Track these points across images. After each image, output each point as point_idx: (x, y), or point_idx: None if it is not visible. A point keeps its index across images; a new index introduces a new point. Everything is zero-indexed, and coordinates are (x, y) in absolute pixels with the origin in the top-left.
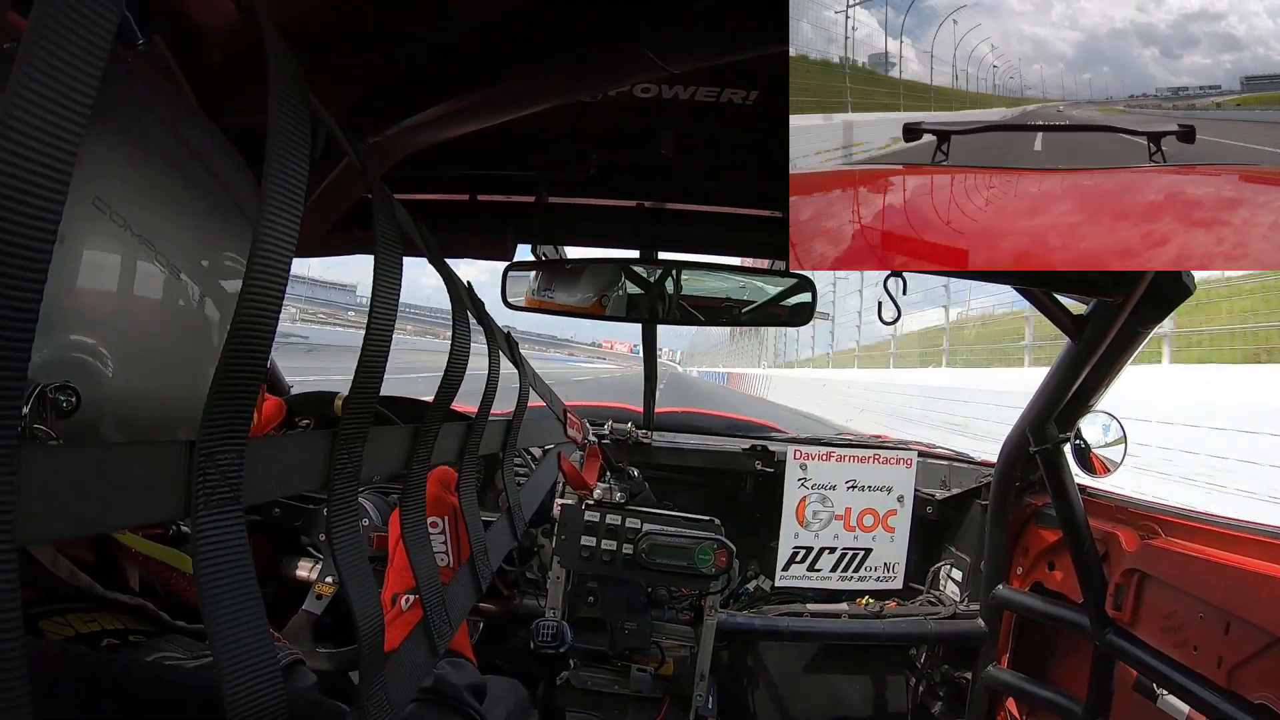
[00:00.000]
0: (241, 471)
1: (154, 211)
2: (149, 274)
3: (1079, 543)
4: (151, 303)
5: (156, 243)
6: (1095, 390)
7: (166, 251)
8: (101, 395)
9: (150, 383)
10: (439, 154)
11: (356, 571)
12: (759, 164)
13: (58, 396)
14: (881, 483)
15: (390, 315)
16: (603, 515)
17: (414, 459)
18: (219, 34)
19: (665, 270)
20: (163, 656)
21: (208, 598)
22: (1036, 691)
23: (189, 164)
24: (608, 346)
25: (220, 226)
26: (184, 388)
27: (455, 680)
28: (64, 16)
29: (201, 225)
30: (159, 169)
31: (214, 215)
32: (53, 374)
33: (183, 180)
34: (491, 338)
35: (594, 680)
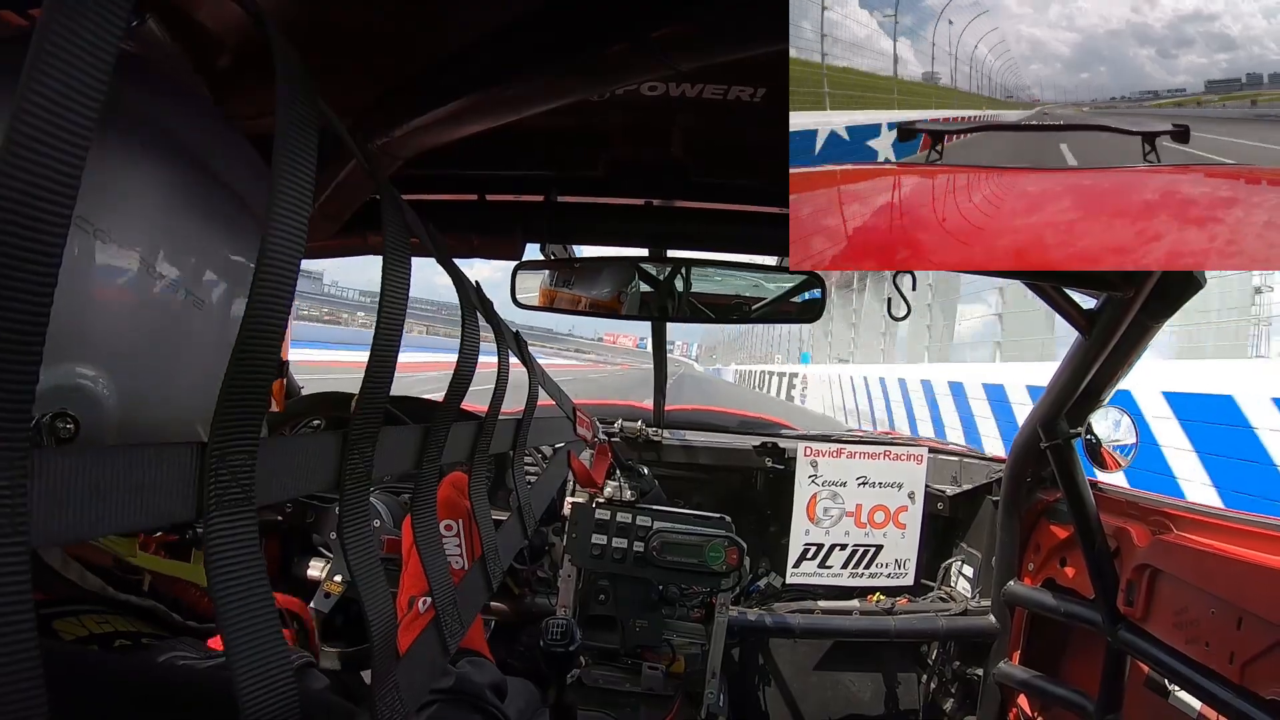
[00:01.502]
0: (253, 473)
1: (152, 221)
2: (145, 288)
3: (1090, 538)
4: (148, 315)
5: (154, 254)
6: (1106, 385)
7: (164, 262)
8: (103, 417)
9: (153, 393)
10: (447, 154)
11: (368, 571)
12: (767, 161)
13: (55, 424)
14: (892, 479)
15: (399, 316)
16: (613, 513)
17: (424, 458)
18: (228, 37)
19: (675, 268)
20: (175, 656)
21: (221, 599)
22: (1048, 688)
23: (187, 164)
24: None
25: (225, 227)
26: (189, 393)
27: (478, 679)
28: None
29: (202, 228)
30: (154, 173)
31: (216, 217)
32: (49, 403)
33: (181, 182)
34: (501, 337)
35: (605, 678)
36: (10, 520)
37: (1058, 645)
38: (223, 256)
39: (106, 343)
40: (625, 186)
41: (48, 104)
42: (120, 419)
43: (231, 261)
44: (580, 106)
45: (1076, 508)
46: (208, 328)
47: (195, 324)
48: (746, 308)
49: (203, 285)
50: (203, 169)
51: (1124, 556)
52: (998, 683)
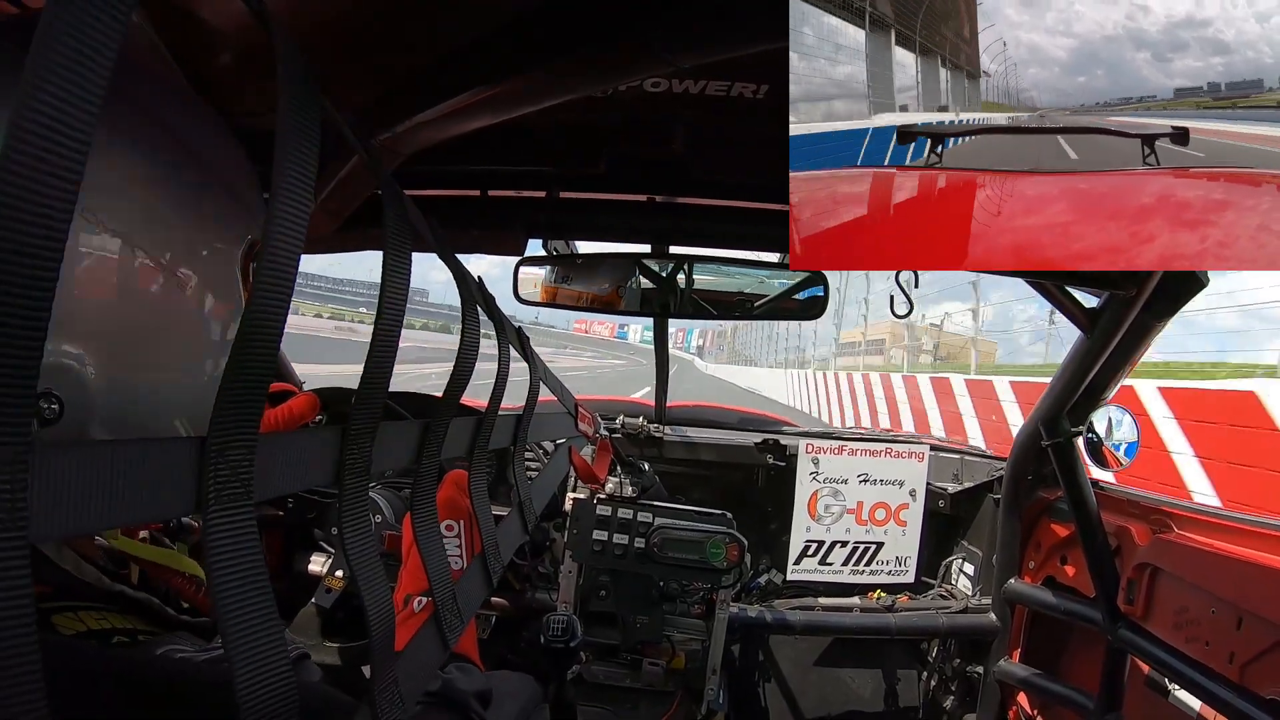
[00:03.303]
0: (253, 468)
1: (135, 204)
2: (129, 271)
3: (1091, 537)
4: (129, 300)
5: (138, 237)
6: (1108, 384)
7: (150, 246)
8: (87, 398)
9: (136, 379)
10: (449, 150)
11: (368, 566)
12: (770, 158)
13: (39, 404)
14: (894, 476)
15: (399, 311)
16: (614, 509)
17: (424, 454)
18: (230, 35)
19: (677, 264)
20: (172, 649)
21: (220, 593)
22: (1048, 686)
23: (175, 152)
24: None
25: (211, 214)
26: (171, 385)
27: (464, 686)
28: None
29: (187, 215)
30: (140, 160)
31: (204, 205)
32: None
33: (167, 170)
34: (502, 331)
35: (606, 674)
36: (10, 516)
37: (1058, 643)
38: (209, 245)
39: (89, 324)
40: (627, 183)
41: (53, 100)
42: (102, 405)
43: (216, 250)
44: (582, 103)
45: (1078, 506)
46: (189, 318)
47: (175, 313)
48: (749, 304)
49: (184, 274)
50: (189, 154)
51: (1125, 555)
52: (998, 680)
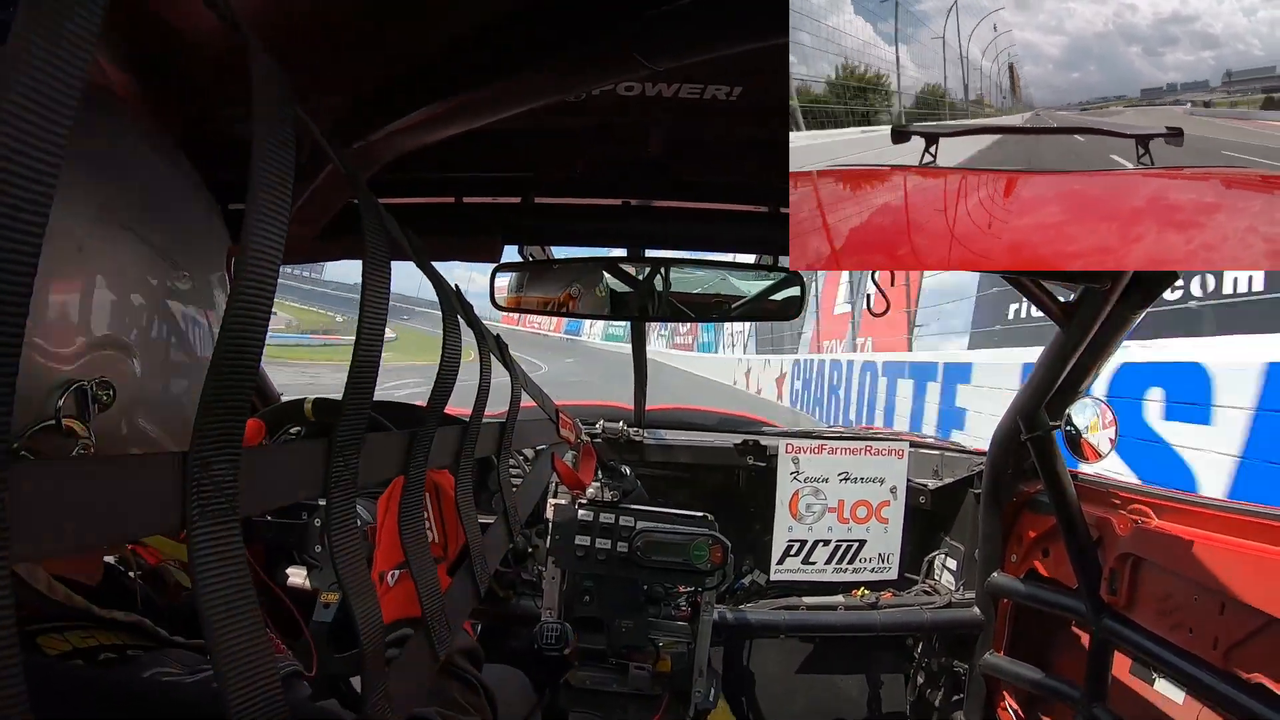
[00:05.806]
0: (237, 483)
1: (174, 227)
2: (162, 281)
3: (1072, 528)
4: (161, 309)
5: (176, 257)
6: (1085, 377)
7: (176, 262)
8: (132, 394)
9: (171, 379)
10: (423, 157)
11: (357, 580)
12: (744, 160)
13: (98, 392)
14: (874, 474)
15: (380, 321)
16: (596, 514)
17: (411, 464)
18: (206, 44)
19: (654, 267)
20: (159, 672)
21: (207, 610)
22: (1034, 678)
23: (138, 183)
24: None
25: (172, 240)
26: (157, 402)
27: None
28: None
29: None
30: (111, 190)
31: (165, 235)
32: (91, 369)
33: (133, 200)
34: (482, 340)
35: (593, 679)
36: None
37: (1043, 636)
38: (213, 259)
39: (129, 330)
40: (603, 187)
41: (20, 110)
42: (148, 395)
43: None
44: (557, 108)
45: (1058, 499)
46: (159, 340)
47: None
48: (727, 305)
49: (199, 283)
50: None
51: (1106, 546)
52: (984, 674)
